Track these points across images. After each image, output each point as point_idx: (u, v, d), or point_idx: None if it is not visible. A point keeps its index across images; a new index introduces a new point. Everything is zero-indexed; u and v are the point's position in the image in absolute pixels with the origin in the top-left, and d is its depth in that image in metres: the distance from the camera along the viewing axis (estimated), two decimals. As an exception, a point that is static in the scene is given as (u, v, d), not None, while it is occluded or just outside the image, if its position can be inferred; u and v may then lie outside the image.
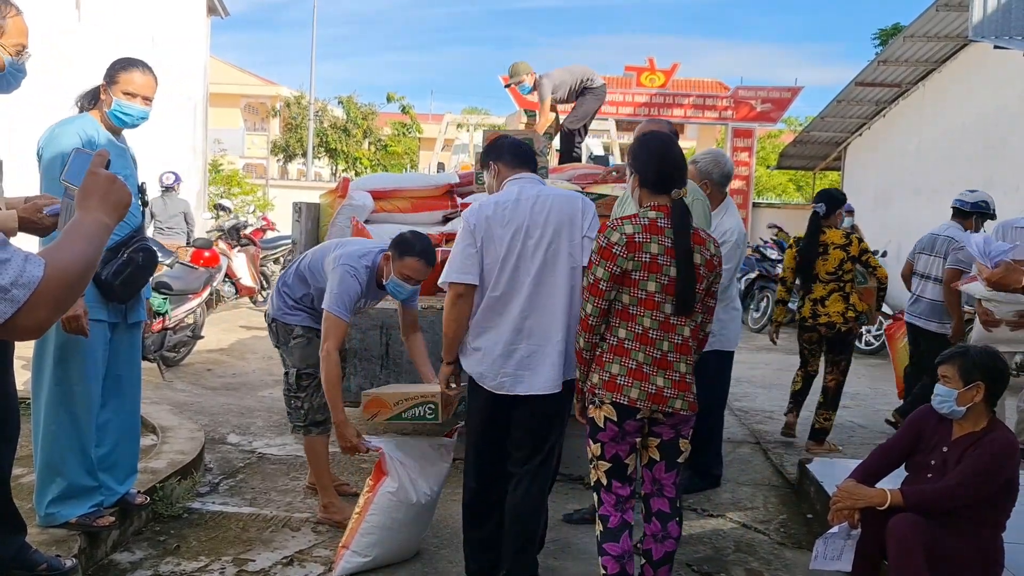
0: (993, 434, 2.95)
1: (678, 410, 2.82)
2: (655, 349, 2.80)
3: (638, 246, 2.77)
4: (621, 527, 2.90)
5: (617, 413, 2.82)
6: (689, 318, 2.84)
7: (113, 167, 1.76)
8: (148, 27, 11.27)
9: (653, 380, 2.79)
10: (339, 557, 3.40)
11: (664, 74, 17.89)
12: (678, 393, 2.82)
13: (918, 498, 2.90)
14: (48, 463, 3.23)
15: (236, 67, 34.29)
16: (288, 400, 4.05)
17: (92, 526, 3.28)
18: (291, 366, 3.98)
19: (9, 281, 1.43)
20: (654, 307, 2.79)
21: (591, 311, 2.83)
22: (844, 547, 3.00)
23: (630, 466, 2.92)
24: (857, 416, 6.66)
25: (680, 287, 2.77)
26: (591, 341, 2.86)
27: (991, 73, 10.61)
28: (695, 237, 2.84)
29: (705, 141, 28.91)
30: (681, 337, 2.83)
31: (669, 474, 2.93)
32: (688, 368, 2.86)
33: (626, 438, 2.86)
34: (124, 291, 3.31)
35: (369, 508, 3.40)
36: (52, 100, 5.19)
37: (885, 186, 14.12)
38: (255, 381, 7.07)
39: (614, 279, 2.78)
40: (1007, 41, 9.54)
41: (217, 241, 9.91)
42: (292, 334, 3.98)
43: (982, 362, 2.98)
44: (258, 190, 19.54)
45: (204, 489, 4.31)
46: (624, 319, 2.82)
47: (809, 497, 4.44)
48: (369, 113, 27.60)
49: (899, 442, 3.18)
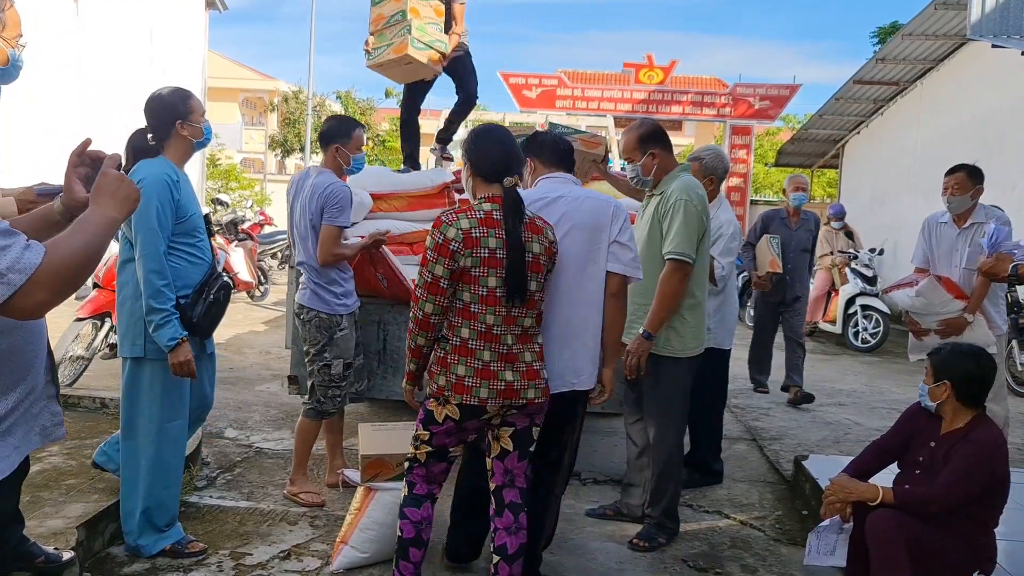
0: (975, 432, 2.94)
1: (532, 399, 2.80)
2: (500, 345, 2.75)
3: (476, 241, 2.71)
4: (426, 496, 2.94)
5: (461, 413, 2.78)
6: (531, 308, 2.82)
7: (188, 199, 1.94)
8: (147, 21, 11.25)
9: (502, 376, 2.75)
10: (337, 551, 3.41)
11: (663, 71, 17.92)
12: (529, 383, 2.79)
13: (908, 500, 2.91)
14: (149, 495, 3.33)
15: (234, 61, 34.26)
16: (325, 391, 4.01)
17: (185, 552, 3.40)
18: (334, 357, 3.96)
19: (6, 266, 1.57)
20: (496, 303, 2.73)
21: (431, 310, 2.75)
22: (837, 542, 3.02)
23: (457, 451, 2.96)
24: (853, 413, 6.67)
25: (510, 277, 2.72)
26: (429, 339, 2.81)
27: (989, 72, 10.63)
28: (531, 226, 2.81)
29: (703, 138, 28.93)
30: (522, 328, 2.80)
31: (521, 463, 2.92)
32: (534, 356, 2.83)
33: (461, 434, 2.87)
34: (210, 328, 3.44)
35: (369, 505, 3.41)
36: (49, 95, 5.19)
37: (882, 184, 14.14)
38: (252, 376, 7.07)
39: (454, 276, 2.73)
40: (1005, 40, 9.57)
41: (215, 236, 9.90)
42: (339, 326, 3.96)
43: (950, 362, 3.00)
44: (256, 185, 19.55)
45: (201, 483, 4.32)
46: (466, 318, 2.75)
47: (804, 494, 4.46)
48: (367, 108, 27.57)
49: (893, 439, 3.21)
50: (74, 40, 9.43)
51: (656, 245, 3.64)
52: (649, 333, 3.59)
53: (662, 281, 3.58)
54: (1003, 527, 3.04)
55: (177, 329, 3.20)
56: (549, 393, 2.89)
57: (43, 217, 2.05)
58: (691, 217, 3.56)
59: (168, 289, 3.19)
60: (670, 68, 18.06)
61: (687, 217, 3.56)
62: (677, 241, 3.55)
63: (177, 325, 3.20)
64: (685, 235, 3.54)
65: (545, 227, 2.88)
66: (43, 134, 8.88)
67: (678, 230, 3.55)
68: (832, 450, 5.42)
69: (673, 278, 3.56)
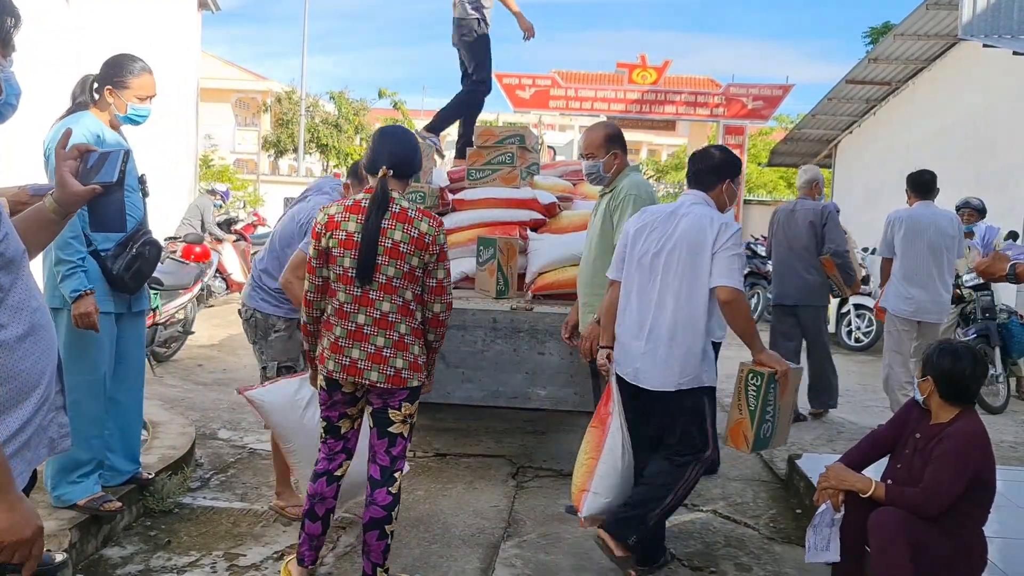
0: (954, 427, 2.96)
1: (374, 382, 2.94)
2: (350, 322, 2.96)
3: (336, 224, 2.96)
4: (323, 473, 3.15)
5: (327, 384, 3.05)
6: (390, 293, 2.94)
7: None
8: (139, 21, 11.21)
9: (348, 353, 2.96)
10: (581, 500, 3.39)
11: (656, 71, 17.92)
12: (373, 366, 2.94)
13: (897, 499, 2.93)
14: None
15: (227, 62, 34.19)
16: None
17: (100, 510, 3.41)
18: (270, 359, 3.93)
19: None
20: (349, 283, 2.95)
21: (308, 287, 3.05)
22: (831, 536, 3.04)
23: (342, 427, 3.14)
24: (846, 412, 6.69)
25: (359, 258, 2.91)
26: (312, 316, 3.07)
27: (980, 72, 10.67)
28: (400, 216, 2.94)
29: (696, 138, 28.95)
30: (380, 312, 2.95)
31: (381, 442, 3.06)
32: (388, 342, 2.95)
33: (335, 407, 3.10)
34: (134, 283, 3.49)
35: (603, 448, 3.36)
36: (50, 94, 5.17)
37: (875, 183, 14.18)
38: (246, 377, 7.05)
39: (320, 256, 2.99)
40: (996, 40, 9.61)
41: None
42: (273, 328, 3.92)
43: (935, 360, 3.03)
44: (249, 185, 19.49)
45: (195, 484, 4.31)
46: (331, 295, 3.01)
47: (799, 492, 4.47)
48: (361, 109, 27.57)
49: (888, 431, 3.25)
50: (74, 40, 9.40)
51: (608, 238, 3.82)
52: (599, 318, 3.72)
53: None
54: (998, 526, 3.05)
55: (82, 281, 3.24)
56: (399, 382, 2.98)
57: (35, 218, 2.02)
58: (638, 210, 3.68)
59: (77, 241, 3.24)
60: (663, 68, 18.07)
61: (635, 210, 3.67)
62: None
63: (83, 277, 3.25)
64: None
65: (419, 220, 2.97)
66: (43, 134, 8.81)
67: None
68: (826, 449, 5.43)
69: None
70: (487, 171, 5.40)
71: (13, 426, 1.72)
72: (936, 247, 5.59)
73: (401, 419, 3.04)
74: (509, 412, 5.40)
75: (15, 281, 1.70)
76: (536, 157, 5.84)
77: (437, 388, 4.32)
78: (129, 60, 3.50)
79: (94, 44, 9.82)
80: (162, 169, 10.91)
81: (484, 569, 3.50)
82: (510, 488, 4.50)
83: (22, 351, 1.76)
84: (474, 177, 5.43)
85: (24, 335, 1.75)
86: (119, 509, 3.49)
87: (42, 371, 1.89)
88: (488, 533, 3.87)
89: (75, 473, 3.39)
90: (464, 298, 4.62)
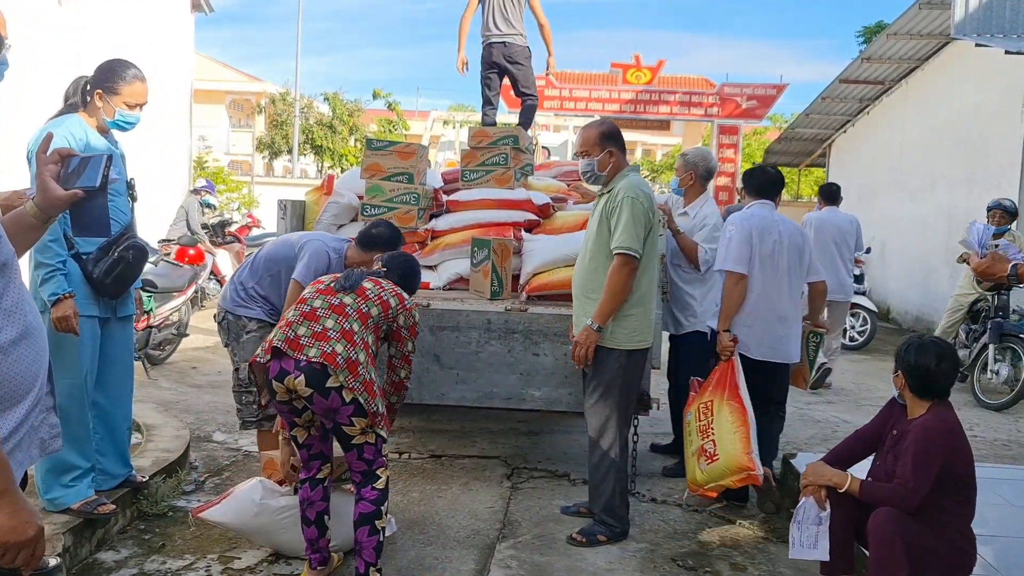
0: (922, 419, 2.97)
1: (312, 359, 2.95)
2: (306, 306, 3.13)
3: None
4: (306, 480, 3.24)
5: (269, 390, 3.09)
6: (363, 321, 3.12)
7: (115, 169, 1.92)
8: (132, 23, 11.18)
9: (295, 329, 3.05)
10: (749, 462, 3.94)
11: (650, 71, 17.92)
12: (314, 342, 3.00)
13: (870, 494, 2.96)
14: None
15: (221, 63, 34.09)
16: (238, 397, 4.07)
17: (94, 513, 3.40)
18: (242, 360, 3.94)
19: None
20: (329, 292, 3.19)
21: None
22: (818, 534, 3.05)
23: (299, 437, 3.18)
24: (841, 411, 6.71)
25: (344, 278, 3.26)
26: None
27: (973, 71, 10.70)
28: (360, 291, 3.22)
29: (691, 138, 28.98)
30: (340, 300, 3.13)
31: (350, 454, 3.13)
32: (336, 325, 3.05)
33: (283, 415, 3.18)
34: (115, 287, 3.45)
35: (748, 417, 3.96)
36: (50, 94, 5.17)
37: (869, 182, 14.21)
38: (241, 379, 7.04)
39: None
40: (989, 39, 9.63)
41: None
42: (245, 328, 3.97)
43: (903, 354, 3.06)
44: (243, 187, 19.42)
45: (189, 487, 4.30)
46: (301, 302, 3.23)
47: (793, 492, 4.47)
48: (355, 110, 27.46)
49: (872, 427, 3.27)
50: (74, 40, 9.38)
51: (604, 240, 3.76)
52: (597, 325, 3.69)
53: (610, 275, 3.68)
54: (993, 525, 3.05)
55: (61, 284, 3.24)
56: (331, 361, 2.99)
57: (16, 222, 1.99)
58: (637, 213, 3.66)
59: (56, 245, 3.24)
60: (657, 68, 18.06)
61: (634, 213, 3.65)
62: (624, 236, 3.64)
63: (62, 281, 3.24)
64: (632, 230, 3.65)
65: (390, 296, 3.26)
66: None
67: (625, 226, 3.65)
68: (820, 448, 5.43)
69: (621, 272, 3.66)
70: (481, 172, 5.40)
71: (7, 428, 1.72)
72: (839, 242, 7.22)
73: (359, 431, 3.05)
74: (504, 413, 5.40)
75: (8, 285, 1.69)
76: (530, 158, 5.85)
77: (432, 389, 4.34)
78: (122, 67, 3.49)
79: (94, 44, 9.81)
80: (156, 171, 10.89)
81: (479, 570, 3.50)
82: (505, 489, 4.50)
83: (16, 355, 1.75)
84: (468, 178, 5.44)
85: (18, 338, 1.74)
86: (113, 512, 3.49)
87: (36, 374, 1.88)
88: (483, 534, 3.87)
89: (67, 476, 3.39)
90: (458, 299, 4.62)
